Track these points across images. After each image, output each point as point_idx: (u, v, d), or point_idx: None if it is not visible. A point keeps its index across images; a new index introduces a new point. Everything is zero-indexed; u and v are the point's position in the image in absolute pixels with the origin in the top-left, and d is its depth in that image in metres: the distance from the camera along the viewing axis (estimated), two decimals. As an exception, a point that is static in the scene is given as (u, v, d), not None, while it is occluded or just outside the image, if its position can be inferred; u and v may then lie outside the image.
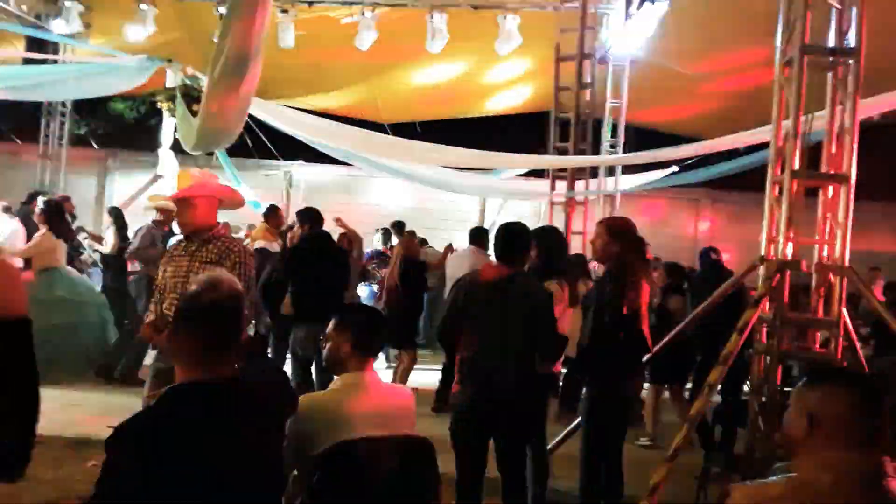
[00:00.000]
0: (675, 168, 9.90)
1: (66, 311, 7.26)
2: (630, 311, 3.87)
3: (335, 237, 6.72)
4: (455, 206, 14.71)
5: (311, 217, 6.27)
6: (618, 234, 4.07)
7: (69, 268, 7.68)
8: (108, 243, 8.16)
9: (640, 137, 10.90)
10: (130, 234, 8.02)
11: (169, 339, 2.13)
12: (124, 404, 5.87)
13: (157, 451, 1.91)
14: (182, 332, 2.09)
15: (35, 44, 9.52)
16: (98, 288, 8.16)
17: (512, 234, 3.92)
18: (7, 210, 8.51)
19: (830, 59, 4.60)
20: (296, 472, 2.67)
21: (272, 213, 7.99)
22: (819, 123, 4.58)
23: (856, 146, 4.41)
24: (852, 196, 4.40)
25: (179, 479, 1.92)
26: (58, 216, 7.52)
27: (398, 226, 9.22)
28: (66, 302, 7.29)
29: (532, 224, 4.58)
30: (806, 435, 1.82)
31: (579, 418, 5.22)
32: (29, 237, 7.78)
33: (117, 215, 8.36)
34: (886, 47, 6.37)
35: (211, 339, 2.06)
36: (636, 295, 3.90)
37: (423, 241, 9.84)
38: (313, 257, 6.07)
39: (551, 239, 4.61)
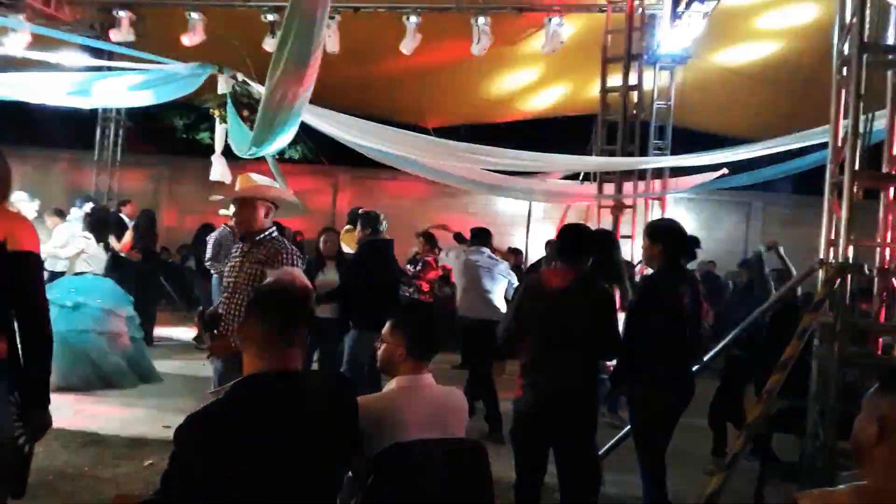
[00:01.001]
0: (725, 171, 9.71)
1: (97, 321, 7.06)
2: (676, 313, 3.82)
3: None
4: (501, 209, 14.70)
5: (371, 221, 6.28)
6: (656, 235, 4.04)
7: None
8: (123, 242, 8.46)
9: (689, 139, 10.73)
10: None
11: (240, 328, 2.23)
12: (178, 405, 6.02)
13: (222, 443, 1.96)
14: (253, 319, 2.18)
15: (91, 53, 9.80)
16: None
17: (574, 235, 3.90)
18: (59, 213, 8.76)
19: (890, 57, 4.47)
20: (351, 473, 2.69)
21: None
22: (879, 123, 4.45)
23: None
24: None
25: (242, 470, 1.97)
26: (101, 223, 7.70)
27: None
28: (94, 308, 7.09)
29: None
30: (876, 442, 1.77)
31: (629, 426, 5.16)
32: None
33: (139, 218, 8.68)
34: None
35: (279, 325, 2.14)
36: (679, 296, 3.83)
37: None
38: (373, 263, 6.07)
39: (603, 243, 4.57)
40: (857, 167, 4.16)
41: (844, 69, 4.44)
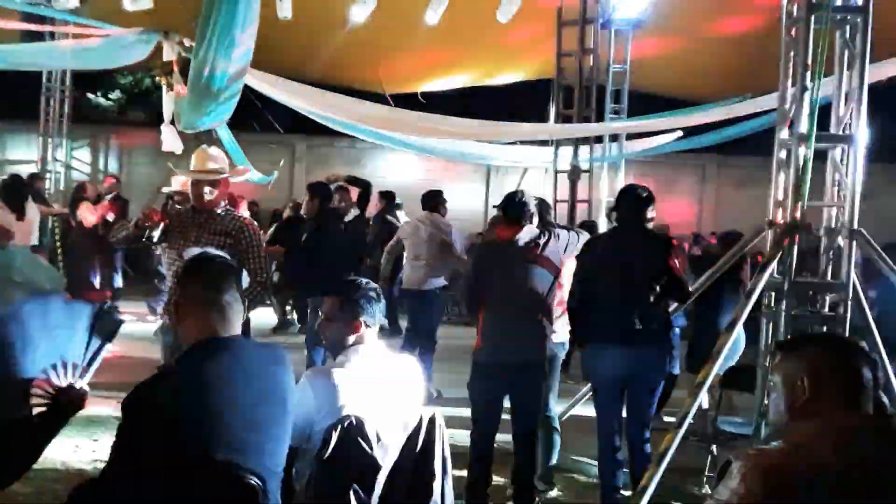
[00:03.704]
0: (680, 133, 9.79)
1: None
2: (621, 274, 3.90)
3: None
4: (460, 176, 14.65)
5: (320, 190, 6.30)
6: (616, 199, 4.20)
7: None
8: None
9: (644, 102, 10.78)
10: None
11: (175, 303, 2.27)
12: (130, 381, 5.90)
13: (167, 410, 1.98)
14: (187, 291, 2.23)
15: (34, 15, 9.41)
16: None
17: (513, 198, 4.11)
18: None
19: (838, 17, 4.49)
20: (303, 446, 2.67)
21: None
22: (828, 86, 4.48)
23: (864, 107, 4.33)
24: (861, 158, 4.32)
25: (188, 436, 2.00)
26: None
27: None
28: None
29: (537, 193, 4.67)
30: (803, 402, 1.82)
31: (587, 385, 5.23)
32: None
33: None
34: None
35: (213, 295, 2.17)
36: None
37: None
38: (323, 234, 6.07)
39: (541, 208, 4.68)
40: (804, 129, 4.19)
41: (793, 30, 4.45)
